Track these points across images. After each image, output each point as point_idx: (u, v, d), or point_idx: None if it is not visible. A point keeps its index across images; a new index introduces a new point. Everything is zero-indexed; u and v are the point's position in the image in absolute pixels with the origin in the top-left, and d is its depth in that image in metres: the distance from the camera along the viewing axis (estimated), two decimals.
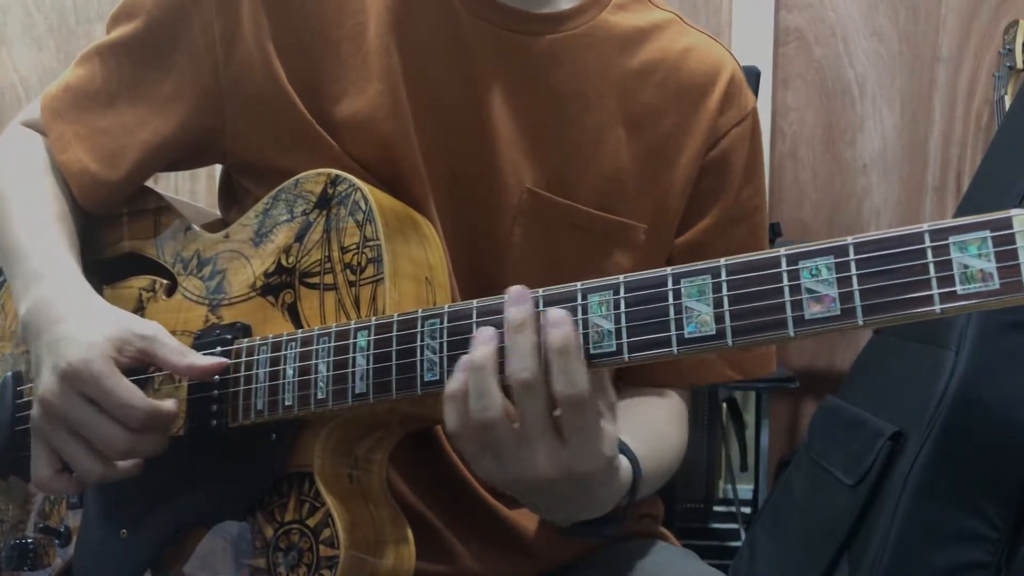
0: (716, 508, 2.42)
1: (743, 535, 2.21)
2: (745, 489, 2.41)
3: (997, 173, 1.63)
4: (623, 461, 0.79)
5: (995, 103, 2.35)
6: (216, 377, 0.85)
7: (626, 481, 0.79)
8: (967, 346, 1.41)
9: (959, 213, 1.74)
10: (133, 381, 0.84)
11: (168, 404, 0.82)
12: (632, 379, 0.99)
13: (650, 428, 0.96)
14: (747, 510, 2.35)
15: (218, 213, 1.05)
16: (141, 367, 0.86)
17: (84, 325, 0.84)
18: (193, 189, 2.49)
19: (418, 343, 0.75)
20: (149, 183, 1.01)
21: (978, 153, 2.42)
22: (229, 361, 0.83)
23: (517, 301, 0.70)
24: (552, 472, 0.70)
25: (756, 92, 2.08)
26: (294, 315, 0.84)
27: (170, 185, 2.43)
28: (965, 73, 2.45)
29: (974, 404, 1.38)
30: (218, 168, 1.04)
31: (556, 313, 0.68)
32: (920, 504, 1.37)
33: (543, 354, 0.68)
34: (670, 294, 0.66)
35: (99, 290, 0.98)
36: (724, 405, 2.41)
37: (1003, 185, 1.53)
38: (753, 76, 2.17)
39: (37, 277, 0.89)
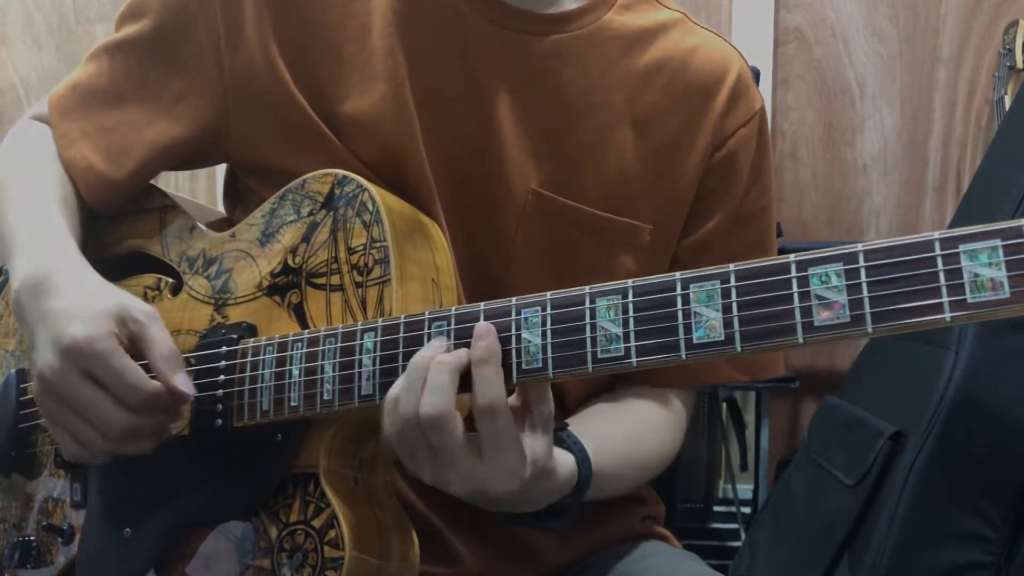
0: (716, 508, 2.41)
1: (743, 535, 2.21)
2: (745, 489, 2.41)
3: (997, 173, 1.62)
4: (562, 463, 0.79)
5: (995, 103, 2.34)
6: (221, 376, 0.85)
7: (564, 480, 0.79)
8: (967, 346, 1.40)
9: (959, 213, 1.74)
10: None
11: (178, 381, 0.80)
12: (634, 377, 0.99)
13: (627, 429, 0.95)
14: (747, 510, 2.35)
15: (223, 212, 1.05)
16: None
17: (82, 298, 0.82)
18: (193, 188, 2.49)
19: (425, 345, 0.75)
20: (151, 181, 1.01)
21: (978, 153, 2.41)
22: (195, 395, 0.82)
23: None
24: (464, 490, 0.73)
25: None
26: (300, 316, 0.84)
27: (169, 183, 2.43)
28: (965, 73, 2.45)
29: (974, 404, 1.38)
30: (219, 167, 1.04)
31: (480, 326, 0.71)
32: (920, 504, 1.37)
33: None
34: (679, 299, 0.66)
35: None
36: (724, 405, 2.40)
37: (1003, 185, 1.53)
38: (753, 76, 2.16)
39: (27, 249, 0.87)
